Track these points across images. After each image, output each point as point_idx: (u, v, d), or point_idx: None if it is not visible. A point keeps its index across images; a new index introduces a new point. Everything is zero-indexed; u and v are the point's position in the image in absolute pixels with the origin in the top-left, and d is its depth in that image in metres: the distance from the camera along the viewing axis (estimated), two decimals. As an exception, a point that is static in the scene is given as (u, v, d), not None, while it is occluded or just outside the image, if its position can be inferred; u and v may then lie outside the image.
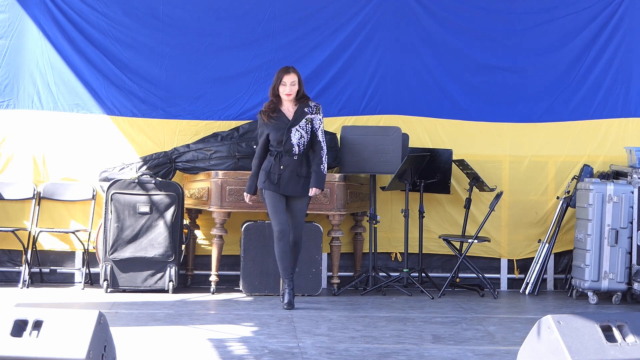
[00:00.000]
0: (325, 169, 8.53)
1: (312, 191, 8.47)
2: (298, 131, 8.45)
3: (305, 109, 8.53)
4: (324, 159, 8.51)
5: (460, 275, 9.97)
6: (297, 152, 8.45)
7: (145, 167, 9.65)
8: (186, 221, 9.73)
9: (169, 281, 9.38)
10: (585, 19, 10.17)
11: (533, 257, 10.03)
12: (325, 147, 8.55)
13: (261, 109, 8.64)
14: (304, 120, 8.48)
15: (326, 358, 6.67)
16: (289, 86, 8.50)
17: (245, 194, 8.71)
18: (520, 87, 10.17)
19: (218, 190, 9.31)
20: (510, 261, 10.21)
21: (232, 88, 9.97)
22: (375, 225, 9.61)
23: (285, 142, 8.43)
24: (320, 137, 8.52)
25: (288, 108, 8.55)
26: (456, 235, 9.92)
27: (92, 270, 9.75)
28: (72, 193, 9.82)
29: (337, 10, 10.06)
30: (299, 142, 8.44)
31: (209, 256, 9.59)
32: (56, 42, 9.79)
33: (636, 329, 5.17)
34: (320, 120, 8.55)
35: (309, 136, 8.48)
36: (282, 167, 8.43)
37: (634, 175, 9.38)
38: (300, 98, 8.54)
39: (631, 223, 9.29)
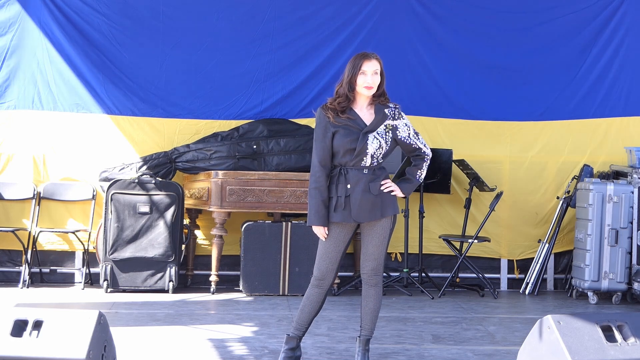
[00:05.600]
0: (422, 178, 6.28)
1: (393, 185, 6.18)
2: (377, 139, 6.09)
3: (386, 111, 6.15)
4: (424, 167, 6.25)
5: (460, 275, 9.97)
6: (367, 165, 6.09)
7: (145, 167, 9.65)
8: (186, 221, 9.73)
9: (169, 281, 9.38)
10: (586, 18, 10.16)
11: (533, 257, 10.04)
12: (429, 153, 6.30)
13: (324, 103, 6.24)
14: (383, 126, 6.13)
15: (326, 358, 6.67)
16: (370, 76, 6.11)
17: (317, 227, 6.13)
18: (521, 86, 10.17)
19: (218, 190, 9.31)
20: (510, 261, 10.21)
21: (232, 88, 9.98)
22: (375, 225, 9.60)
23: (360, 151, 6.06)
24: (420, 143, 6.23)
25: (362, 108, 6.17)
26: (456, 235, 9.92)
27: (92, 270, 9.75)
28: (72, 193, 9.82)
29: (337, 10, 10.06)
30: (374, 153, 6.08)
31: (209, 256, 9.59)
32: (56, 42, 9.79)
33: (636, 329, 5.17)
34: (406, 125, 6.19)
35: (388, 147, 6.13)
36: (349, 185, 6.08)
37: (634, 175, 9.39)
38: (379, 96, 6.18)
39: (631, 223, 9.29)
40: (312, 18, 10.05)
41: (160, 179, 9.51)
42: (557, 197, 10.05)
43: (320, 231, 6.11)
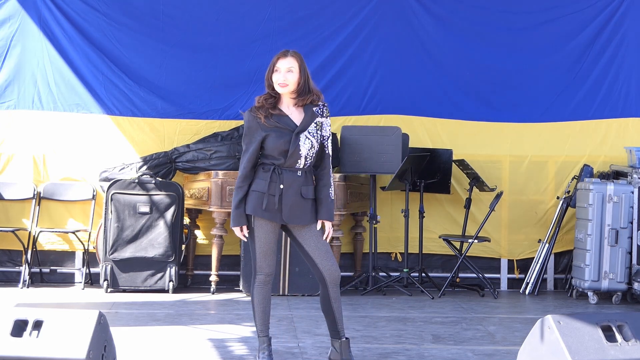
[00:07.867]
0: (333, 194, 6.29)
1: (321, 225, 6.20)
2: (308, 139, 6.09)
3: (315, 109, 6.16)
4: (332, 180, 6.26)
5: (460, 275, 9.97)
6: (301, 167, 6.11)
7: (145, 167, 9.66)
8: (186, 221, 9.73)
9: (169, 281, 9.38)
10: (586, 18, 10.16)
11: (533, 257, 10.03)
12: (331, 164, 6.28)
13: (252, 105, 6.19)
14: (313, 124, 6.14)
15: (326, 358, 6.67)
16: (282, 73, 6.07)
17: (235, 228, 6.16)
18: (521, 86, 10.17)
19: (218, 190, 9.31)
20: (510, 261, 10.21)
21: (232, 88, 9.98)
22: (375, 225, 9.61)
23: (292, 153, 6.06)
24: (329, 150, 6.24)
25: (289, 106, 6.15)
26: (456, 235, 9.92)
27: (92, 270, 9.75)
28: (72, 193, 9.82)
29: (337, 10, 10.06)
30: (307, 154, 6.10)
31: (209, 256, 9.59)
32: (56, 42, 9.79)
33: (636, 329, 5.17)
34: (329, 125, 6.23)
35: (319, 146, 6.16)
36: (282, 186, 6.08)
37: (634, 175, 9.38)
38: (308, 94, 6.13)
39: (631, 223, 9.29)
40: (312, 18, 10.05)
41: (160, 179, 9.52)
42: (557, 197, 10.05)
43: (239, 231, 6.14)
